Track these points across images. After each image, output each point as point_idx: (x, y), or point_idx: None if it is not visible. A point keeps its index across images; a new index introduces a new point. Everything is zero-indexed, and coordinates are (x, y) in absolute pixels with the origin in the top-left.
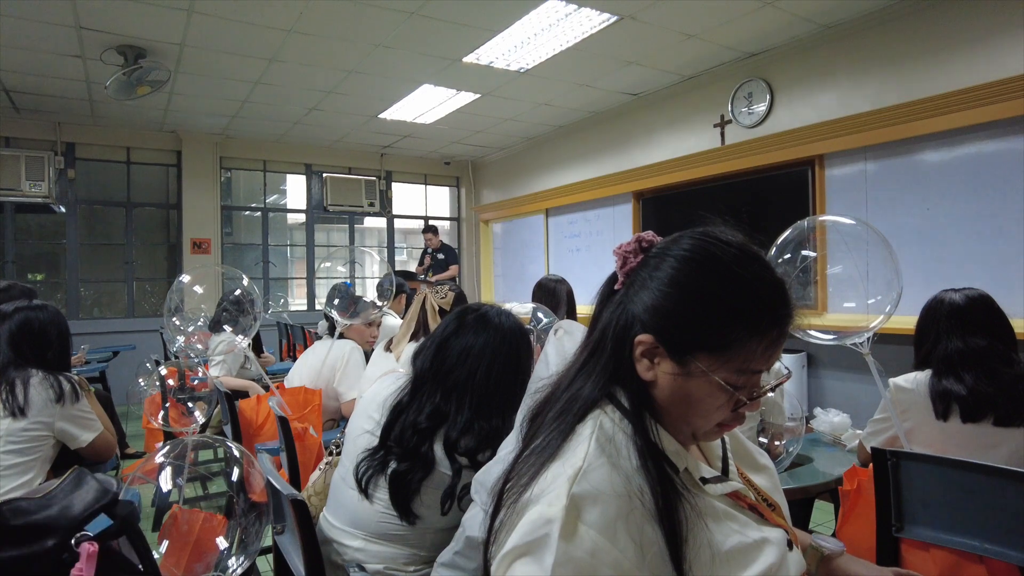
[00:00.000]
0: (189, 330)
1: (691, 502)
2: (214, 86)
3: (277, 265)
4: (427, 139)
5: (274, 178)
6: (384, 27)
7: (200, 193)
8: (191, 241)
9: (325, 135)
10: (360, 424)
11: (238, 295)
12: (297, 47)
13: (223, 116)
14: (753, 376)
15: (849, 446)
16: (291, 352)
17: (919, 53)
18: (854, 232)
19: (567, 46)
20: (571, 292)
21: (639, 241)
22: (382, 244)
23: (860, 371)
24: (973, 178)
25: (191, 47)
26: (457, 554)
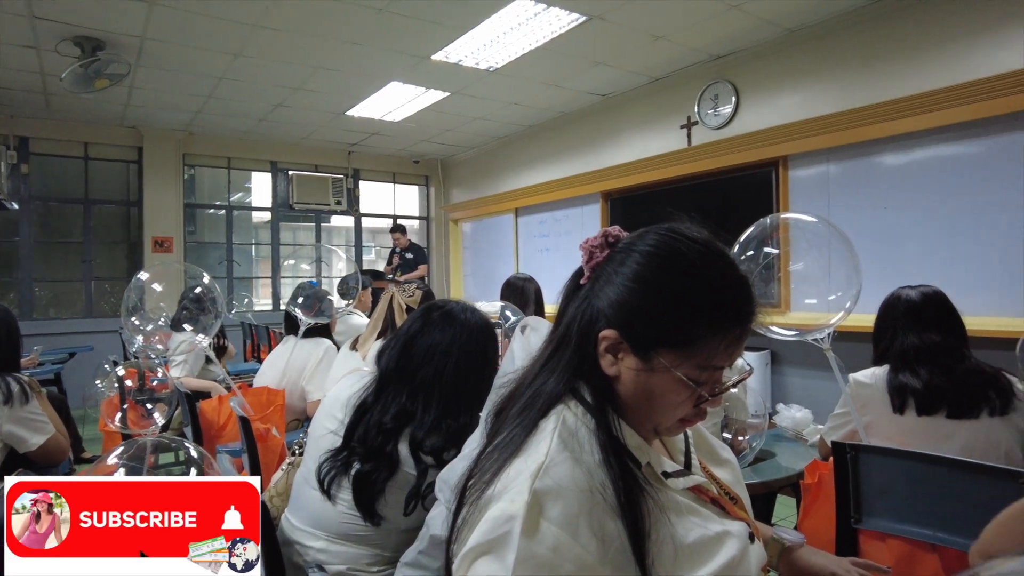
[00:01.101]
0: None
1: (653, 497)
2: (177, 81)
3: (241, 264)
4: (395, 137)
5: (239, 175)
6: (352, 23)
7: (162, 190)
8: (153, 239)
9: (291, 132)
10: (323, 424)
11: (199, 293)
12: (263, 42)
13: (186, 112)
14: (715, 372)
15: (811, 441)
16: (255, 352)
17: (880, 58)
18: (816, 229)
19: (536, 46)
20: (539, 291)
21: (605, 236)
22: (350, 243)
23: (821, 367)
24: (929, 180)
25: (152, 40)
26: (421, 553)
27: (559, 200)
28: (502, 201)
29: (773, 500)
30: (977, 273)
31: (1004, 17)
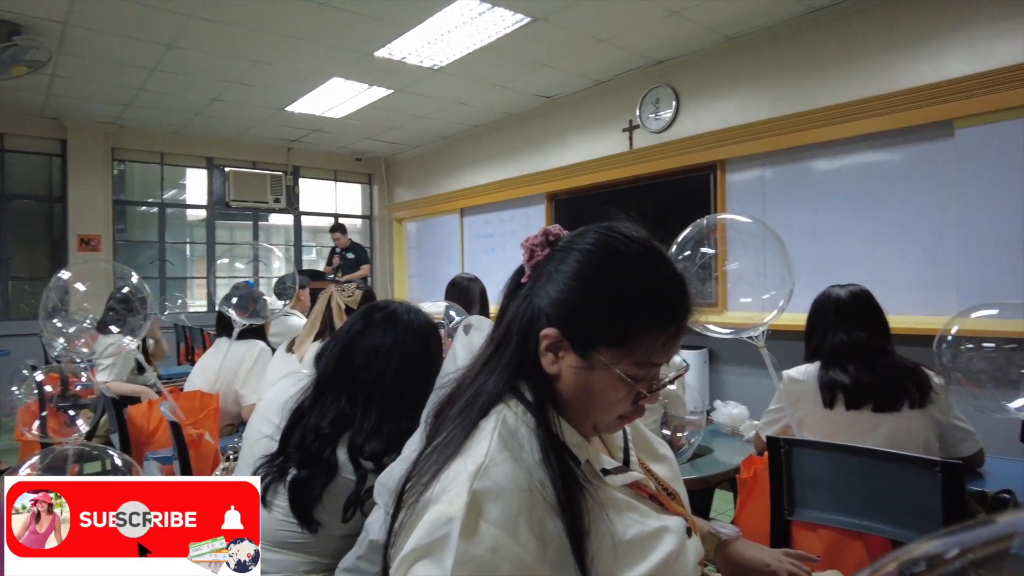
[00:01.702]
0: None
1: (593, 494)
2: (104, 71)
3: (175, 264)
4: (337, 134)
5: (172, 172)
6: (293, 17)
7: (89, 186)
8: (78, 237)
9: (228, 127)
10: (259, 428)
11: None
12: (198, 33)
13: (115, 104)
14: (653, 369)
15: (747, 436)
16: (189, 355)
17: (812, 67)
18: (751, 230)
19: (481, 45)
20: (484, 291)
21: (546, 234)
22: (289, 242)
23: (757, 365)
24: (858, 185)
25: (76, 27)
26: (360, 558)
27: (505, 200)
28: (447, 201)
29: (711, 495)
30: (900, 273)
31: (926, 33)
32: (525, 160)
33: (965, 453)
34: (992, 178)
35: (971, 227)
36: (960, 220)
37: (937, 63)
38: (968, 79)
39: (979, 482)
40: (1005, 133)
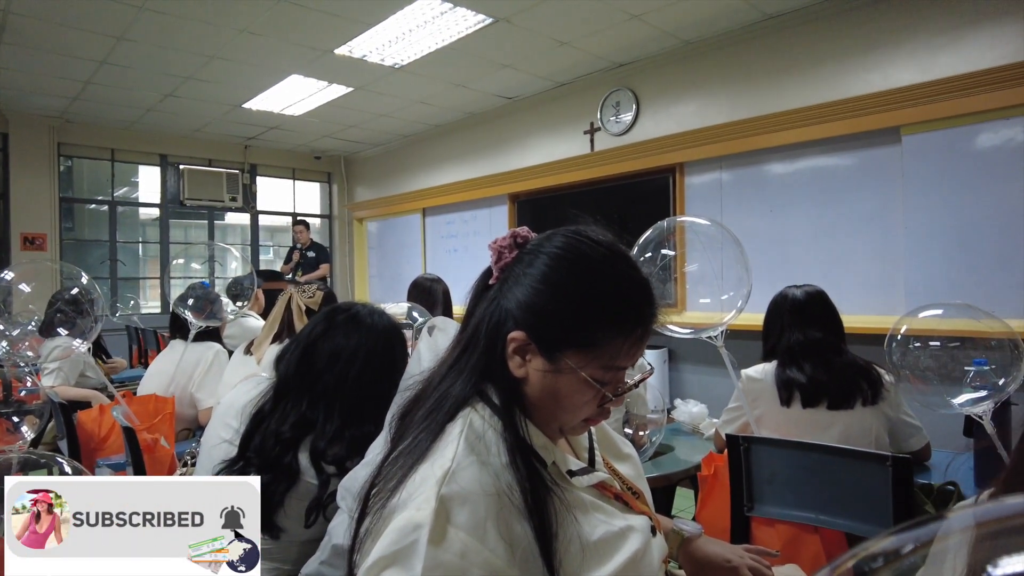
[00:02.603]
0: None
1: (560, 496)
2: (49, 62)
3: (127, 264)
4: (296, 132)
5: (124, 169)
6: (250, 11)
7: (32, 182)
8: (21, 236)
9: (183, 124)
10: (217, 433)
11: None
12: (151, 26)
13: (61, 97)
14: (618, 372)
15: (707, 434)
16: (142, 358)
17: (769, 72)
18: (709, 232)
19: (442, 45)
20: (447, 291)
21: (514, 236)
22: (246, 242)
23: (716, 364)
24: (812, 188)
25: (16, 15)
26: (323, 564)
27: (467, 201)
28: (409, 200)
29: (673, 492)
30: (852, 274)
31: (874, 43)
32: (488, 161)
33: (914, 448)
34: (936, 183)
35: (917, 229)
36: (907, 223)
37: (885, 72)
38: (914, 88)
39: (925, 475)
40: (949, 140)
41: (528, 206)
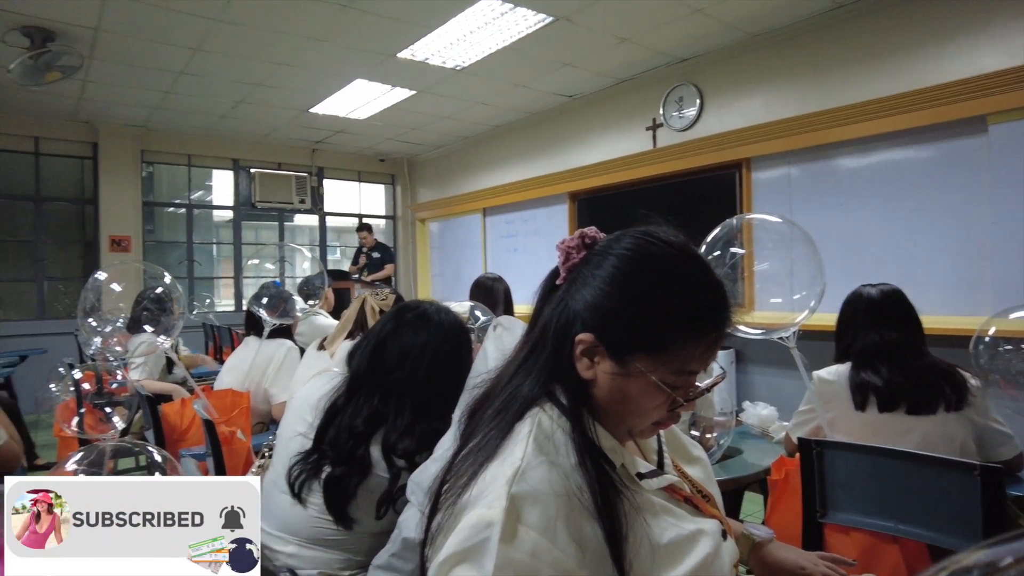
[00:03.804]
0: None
1: (629, 499)
2: (134, 75)
3: (203, 264)
4: (361, 135)
5: (200, 173)
6: (316, 19)
7: (119, 188)
8: (110, 238)
9: (254, 129)
10: (292, 426)
11: (159, 293)
12: (224, 37)
13: (144, 107)
14: (690, 377)
15: (776, 437)
16: (217, 354)
17: (838, 63)
18: (780, 230)
19: (503, 45)
20: (508, 291)
21: (582, 237)
22: (314, 242)
23: (785, 365)
24: (887, 183)
25: (107, 32)
26: (393, 556)
27: (527, 200)
28: (470, 201)
29: (741, 496)
30: (933, 272)
31: (956, 28)
32: (547, 159)
33: (1004, 457)
34: None
35: (1007, 224)
36: (995, 217)
37: (969, 58)
38: (1002, 74)
39: (1018, 487)
40: None
41: (588, 204)
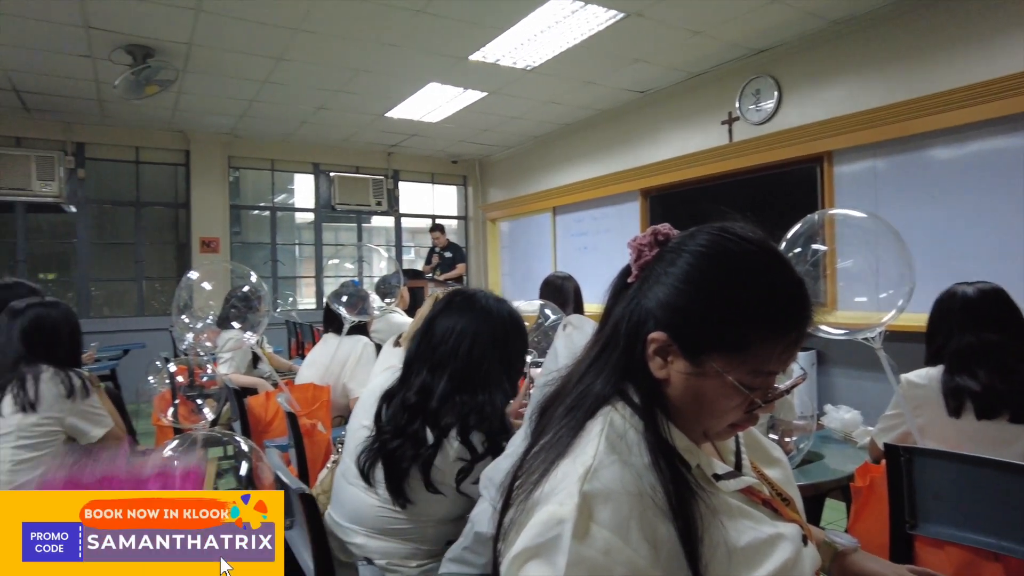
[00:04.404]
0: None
1: (705, 500)
2: (222, 85)
3: (285, 264)
4: (434, 138)
5: (282, 177)
6: (390, 25)
7: (209, 192)
8: (200, 240)
9: (332, 134)
10: (359, 420)
11: (246, 292)
12: (304, 46)
13: (231, 115)
14: (769, 378)
15: (860, 442)
16: (300, 350)
17: (926, 49)
18: (865, 225)
19: (573, 43)
20: (578, 289)
21: (655, 234)
22: (390, 243)
23: (870, 368)
24: (981, 174)
25: (199, 46)
26: (466, 549)
27: (597, 198)
28: (540, 200)
29: (822, 503)
30: None
31: None
32: (618, 157)
33: None
34: None
35: None
36: None
37: None
38: None
39: None
40: None
41: (661, 201)
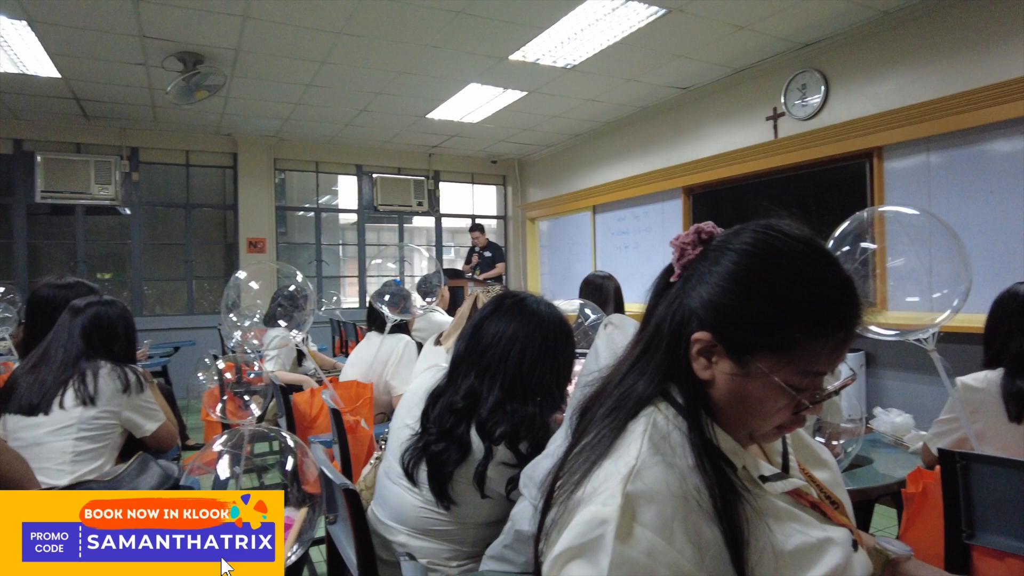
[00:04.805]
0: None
1: (751, 502)
2: (267, 89)
3: (329, 264)
4: (474, 138)
5: (326, 179)
6: (431, 27)
7: (255, 194)
8: (247, 240)
9: (375, 136)
10: (402, 418)
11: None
12: (347, 49)
13: (276, 119)
14: (817, 378)
15: (912, 447)
16: (343, 348)
17: (984, 38)
18: (917, 223)
19: (614, 41)
20: (619, 288)
21: (698, 232)
22: (430, 243)
23: (922, 370)
24: None
25: (245, 52)
26: (507, 547)
27: (638, 196)
28: (579, 199)
29: (871, 509)
30: None
31: None
32: (660, 154)
33: None
34: None
35: None
36: None
37: None
38: None
39: None
40: None
41: (704, 199)
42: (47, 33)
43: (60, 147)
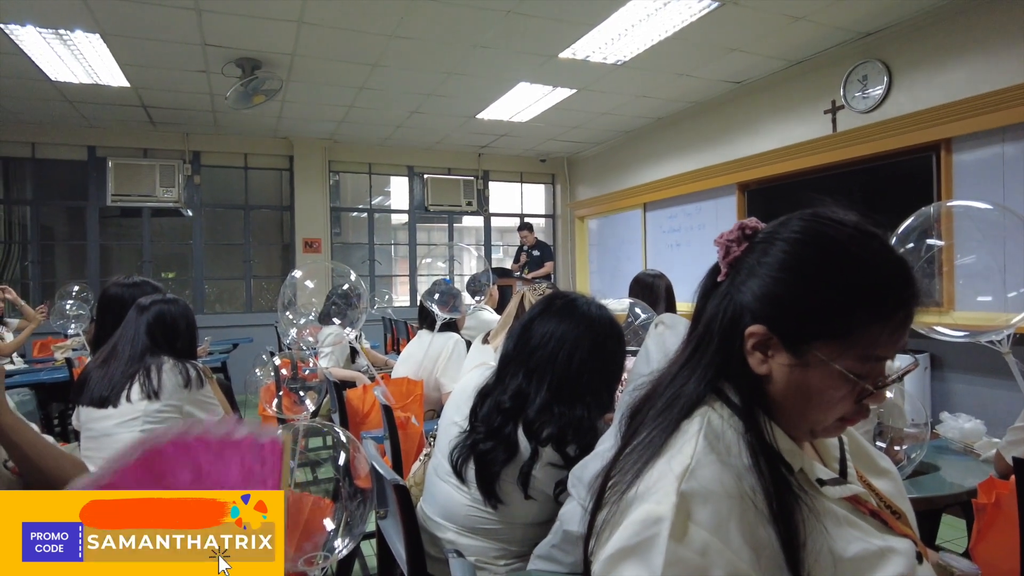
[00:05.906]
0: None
1: (808, 504)
2: (322, 93)
3: (382, 263)
4: (523, 137)
5: (379, 180)
6: (481, 27)
7: (311, 195)
8: (303, 241)
9: (426, 137)
10: (451, 416)
11: (346, 290)
12: (399, 52)
13: (331, 121)
14: (878, 364)
15: (984, 455)
16: (395, 345)
17: None
18: (990, 218)
19: (666, 36)
20: (670, 287)
21: (742, 228)
22: (479, 242)
23: (994, 374)
24: None
25: (301, 56)
26: (554, 547)
27: (691, 193)
28: (629, 196)
29: (937, 519)
30: None
31: None
32: (713, 150)
33: None
34: None
35: None
36: None
37: None
38: None
39: None
40: None
41: (759, 195)
42: (118, 45)
43: (129, 152)
